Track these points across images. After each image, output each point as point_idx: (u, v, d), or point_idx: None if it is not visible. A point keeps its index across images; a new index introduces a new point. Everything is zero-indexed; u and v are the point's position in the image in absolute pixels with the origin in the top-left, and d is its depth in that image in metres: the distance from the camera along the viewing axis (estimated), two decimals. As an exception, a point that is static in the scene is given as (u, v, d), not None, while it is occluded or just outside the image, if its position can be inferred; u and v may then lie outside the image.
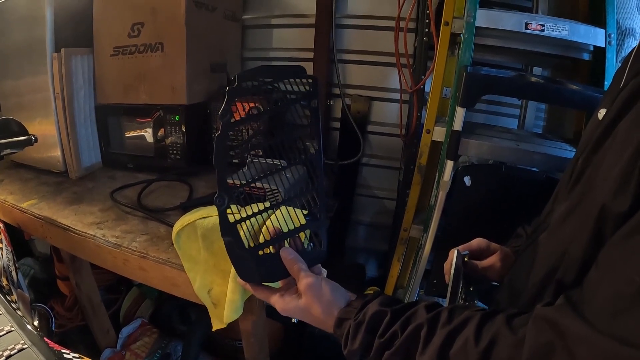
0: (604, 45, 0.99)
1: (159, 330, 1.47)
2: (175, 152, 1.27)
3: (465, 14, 0.96)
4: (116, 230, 0.93)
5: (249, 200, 0.54)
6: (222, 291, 0.78)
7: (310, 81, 0.54)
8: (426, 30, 1.20)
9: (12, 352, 0.46)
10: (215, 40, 1.39)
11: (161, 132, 1.27)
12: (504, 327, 0.38)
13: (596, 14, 1.02)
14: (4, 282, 0.74)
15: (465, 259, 0.64)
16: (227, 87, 0.49)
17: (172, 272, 0.83)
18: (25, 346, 0.47)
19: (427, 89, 1.24)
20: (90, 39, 1.28)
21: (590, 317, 0.33)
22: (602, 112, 0.45)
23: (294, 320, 0.57)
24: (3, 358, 0.45)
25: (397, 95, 1.48)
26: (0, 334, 0.49)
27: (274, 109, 0.58)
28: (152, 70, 1.24)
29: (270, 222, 0.56)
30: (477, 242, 0.67)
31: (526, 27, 0.95)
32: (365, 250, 1.76)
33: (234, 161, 1.34)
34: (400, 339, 0.43)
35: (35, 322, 0.89)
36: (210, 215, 0.78)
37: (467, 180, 1.02)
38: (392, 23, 1.35)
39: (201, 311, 0.86)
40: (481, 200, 1.03)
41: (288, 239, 0.56)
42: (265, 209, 0.56)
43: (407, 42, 1.31)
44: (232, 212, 0.52)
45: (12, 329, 0.50)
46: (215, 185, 0.50)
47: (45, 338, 0.51)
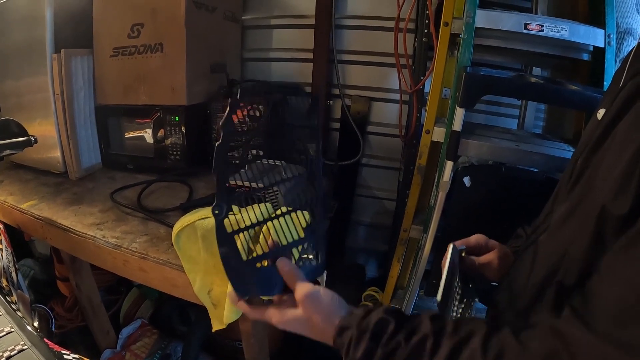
0: (603, 46, 0.99)
1: (159, 331, 1.47)
2: (175, 152, 1.27)
3: (465, 15, 0.96)
4: (116, 231, 0.93)
5: (249, 201, 0.54)
6: (222, 292, 0.78)
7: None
8: (426, 30, 1.21)
9: (12, 353, 0.46)
10: (215, 40, 1.39)
11: (161, 132, 1.27)
12: (510, 338, 0.38)
13: (595, 15, 1.02)
14: (4, 283, 0.74)
15: (463, 254, 0.64)
16: (229, 99, 0.48)
17: (172, 272, 0.83)
18: (25, 347, 0.47)
19: (426, 90, 1.24)
20: (90, 39, 1.28)
21: (594, 326, 0.33)
22: (601, 112, 0.45)
23: None
24: (3, 359, 0.45)
25: (396, 96, 1.48)
26: (1, 334, 0.49)
27: (275, 126, 0.57)
28: (152, 71, 1.24)
29: (269, 233, 0.54)
30: (475, 238, 0.66)
31: (525, 28, 0.95)
32: (365, 250, 1.76)
33: (234, 162, 1.34)
34: (405, 349, 0.42)
35: (35, 323, 0.89)
36: (210, 216, 0.78)
37: (467, 180, 1.02)
38: (392, 23, 1.35)
39: (201, 312, 0.86)
40: (481, 201, 1.03)
41: (287, 252, 0.54)
42: (264, 220, 0.54)
43: (406, 42, 1.31)
44: (230, 223, 0.50)
45: (12, 329, 0.50)
46: (215, 185, 0.50)
47: (45, 339, 0.51)
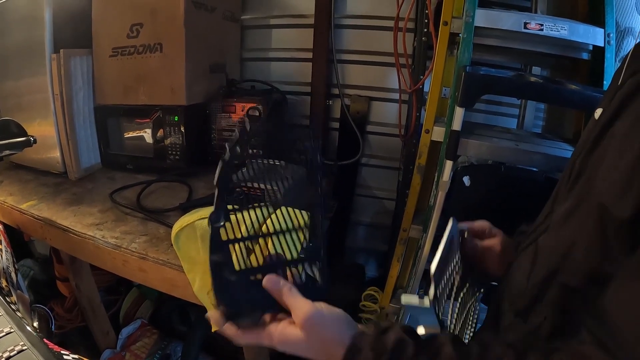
0: (603, 45, 0.99)
1: (159, 331, 1.47)
2: (174, 152, 1.27)
3: (464, 14, 0.96)
4: (116, 231, 0.93)
5: (248, 201, 0.53)
6: (222, 292, 0.78)
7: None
8: (425, 30, 1.20)
9: (11, 354, 0.46)
10: (214, 40, 1.39)
11: (160, 132, 1.27)
12: None
13: (595, 14, 1.02)
14: (3, 283, 0.74)
15: (465, 235, 0.63)
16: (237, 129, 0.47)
17: (172, 273, 0.83)
18: (24, 347, 0.47)
19: (426, 89, 1.24)
20: (89, 39, 1.28)
21: (615, 353, 0.33)
22: (598, 112, 0.45)
23: None
24: (3, 359, 0.45)
25: (396, 95, 1.48)
26: (0, 335, 0.49)
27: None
28: (151, 71, 1.24)
29: (266, 246, 0.51)
30: (480, 223, 0.66)
31: (525, 27, 0.95)
32: (365, 250, 1.76)
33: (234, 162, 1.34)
34: None
35: (35, 324, 0.89)
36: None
37: (467, 180, 1.02)
38: (391, 23, 1.35)
39: (201, 312, 0.86)
40: (480, 201, 1.03)
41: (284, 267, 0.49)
42: (266, 234, 0.50)
43: (406, 42, 1.31)
44: (226, 231, 0.47)
45: (12, 330, 0.50)
46: (214, 185, 0.49)
47: (45, 339, 0.51)
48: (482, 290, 0.65)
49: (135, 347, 1.41)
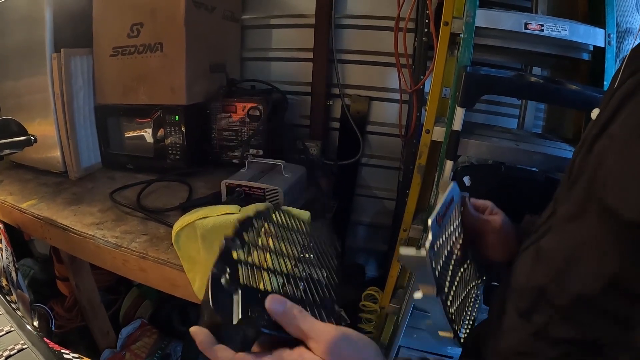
0: (603, 45, 0.99)
1: (159, 331, 1.47)
2: (174, 152, 1.27)
3: (465, 14, 0.96)
4: (116, 231, 0.93)
5: (248, 200, 0.53)
6: (222, 291, 0.78)
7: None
8: (426, 30, 1.21)
9: (11, 353, 0.46)
10: (214, 40, 1.39)
11: (160, 132, 1.27)
12: None
13: (595, 14, 1.02)
14: (3, 282, 0.74)
15: (466, 200, 0.62)
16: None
17: (172, 272, 0.83)
18: (25, 346, 0.47)
19: (426, 89, 1.24)
20: (89, 39, 1.28)
21: None
22: (595, 112, 0.45)
23: None
24: (3, 358, 0.45)
25: (396, 95, 1.48)
26: (0, 334, 0.49)
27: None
28: (152, 71, 1.24)
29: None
30: (482, 200, 0.65)
31: (525, 27, 0.95)
32: (365, 250, 1.76)
33: (234, 161, 1.34)
34: None
35: (35, 323, 0.89)
36: (209, 216, 0.78)
37: (467, 180, 1.02)
38: (392, 23, 1.35)
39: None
40: (481, 200, 1.03)
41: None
42: (282, 274, 0.43)
43: (406, 42, 1.31)
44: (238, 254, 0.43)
45: (12, 329, 0.50)
46: (215, 185, 0.49)
47: (45, 338, 0.51)
48: (484, 277, 0.64)
49: (135, 347, 1.41)
